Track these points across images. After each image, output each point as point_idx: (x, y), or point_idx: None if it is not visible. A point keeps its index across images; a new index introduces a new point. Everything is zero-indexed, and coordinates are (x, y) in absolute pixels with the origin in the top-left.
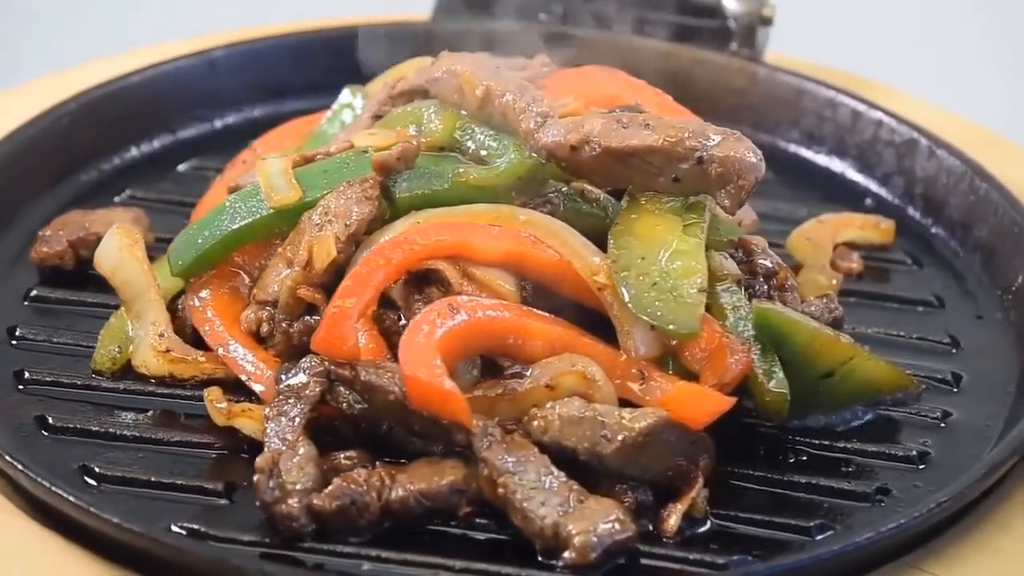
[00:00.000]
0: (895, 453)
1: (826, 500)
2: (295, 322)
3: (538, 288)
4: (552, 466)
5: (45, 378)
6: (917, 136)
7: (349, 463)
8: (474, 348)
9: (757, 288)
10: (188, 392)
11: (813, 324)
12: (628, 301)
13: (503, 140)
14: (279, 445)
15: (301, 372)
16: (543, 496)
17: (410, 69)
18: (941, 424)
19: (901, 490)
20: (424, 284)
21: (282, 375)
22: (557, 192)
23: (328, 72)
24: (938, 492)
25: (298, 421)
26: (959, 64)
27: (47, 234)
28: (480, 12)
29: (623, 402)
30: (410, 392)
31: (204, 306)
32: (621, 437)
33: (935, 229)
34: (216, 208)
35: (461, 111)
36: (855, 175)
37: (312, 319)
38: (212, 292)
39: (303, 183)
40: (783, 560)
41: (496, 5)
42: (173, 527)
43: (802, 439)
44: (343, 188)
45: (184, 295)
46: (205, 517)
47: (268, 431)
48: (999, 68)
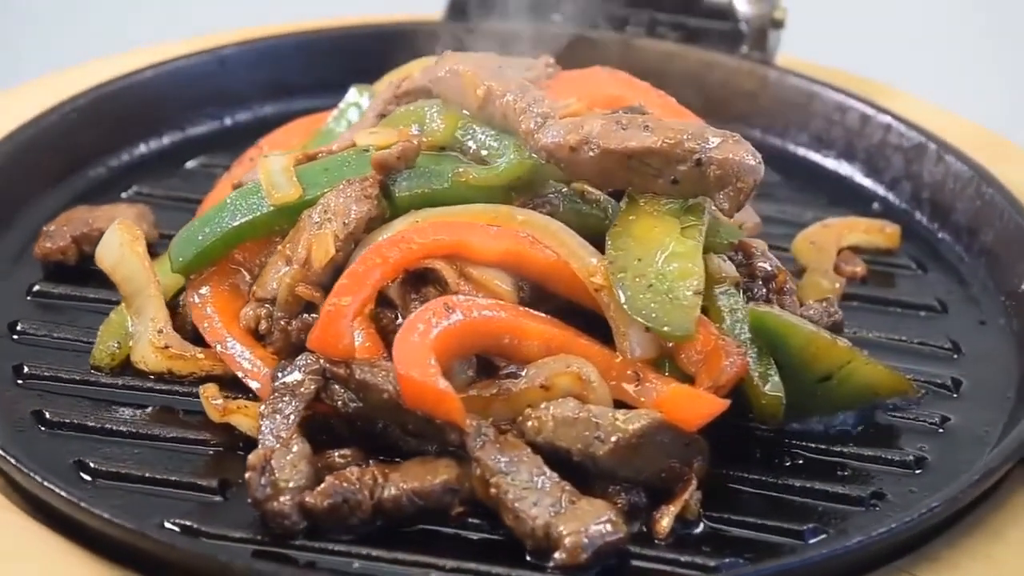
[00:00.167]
0: (892, 458)
1: (820, 504)
2: (293, 320)
3: (536, 288)
4: (545, 467)
5: (44, 373)
6: (925, 141)
7: (343, 461)
8: (469, 348)
9: (756, 291)
10: (186, 389)
11: (810, 327)
12: (624, 302)
13: (504, 140)
14: (273, 442)
15: (296, 370)
16: (535, 496)
17: (416, 68)
18: (939, 429)
19: (896, 495)
20: (422, 283)
21: (278, 373)
22: (557, 193)
23: (339, 71)
24: (932, 497)
25: (293, 419)
26: (960, 64)
27: (51, 229)
28: (491, 12)
29: (618, 403)
30: (403, 391)
31: (204, 303)
32: (615, 438)
33: (941, 234)
34: (217, 205)
35: (463, 111)
36: (863, 179)
37: (311, 317)
38: (212, 289)
39: (304, 181)
40: (773, 563)
41: (508, 5)
42: (166, 523)
43: (799, 442)
44: (343, 186)
45: (185, 292)
46: (199, 514)
47: (263, 428)
48: (1000, 68)
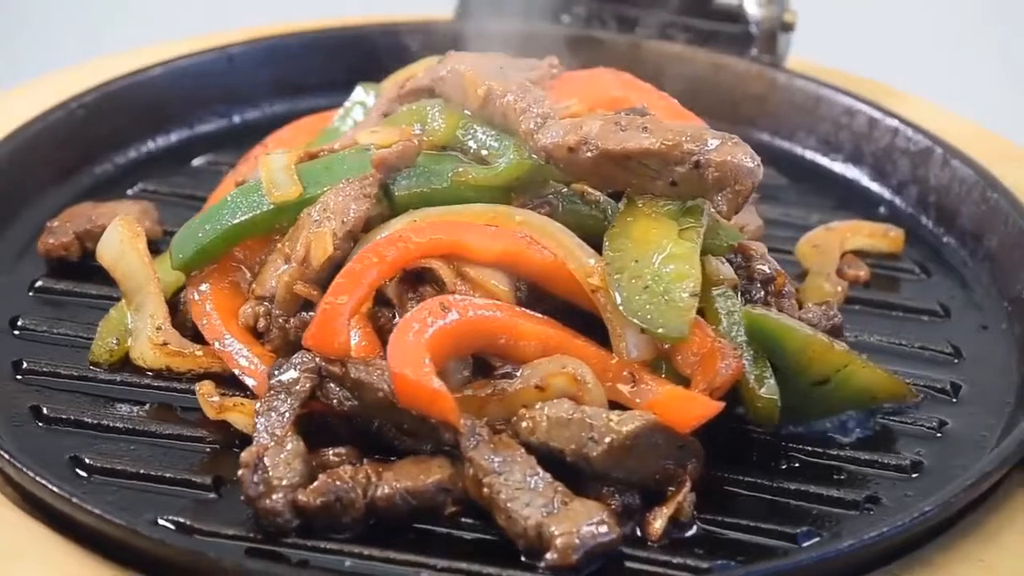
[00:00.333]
0: (888, 462)
1: (815, 507)
2: (292, 318)
3: (533, 289)
4: (538, 467)
5: (43, 368)
6: (932, 145)
7: (338, 459)
8: (465, 347)
9: (754, 293)
10: (184, 386)
11: (807, 331)
12: (620, 303)
13: (504, 140)
14: (268, 440)
15: (292, 368)
16: (528, 497)
17: (421, 68)
18: (937, 434)
19: (892, 499)
20: (419, 283)
21: (274, 370)
22: (557, 193)
23: (348, 69)
24: (925, 501)
25: (287, 416)
26: (965, 63)
27: (54, 225)
28: (502, 12)
29: (614, 405)
30: (397, 390)
31: (203, 300)
32: (608, 440)
33: (947, 239)
34: (218, 203)
35: (465, 110)
36: (870, 183)
37: (309, 315)
38: (212, 286)
39: (305, 179)
40: (764, 565)
41: (519, 5)
42: (160, 520)
43: (796, 446)
44: (342, 185)
45: (185, 289)
46: (193, 511)
47: (258, 426)
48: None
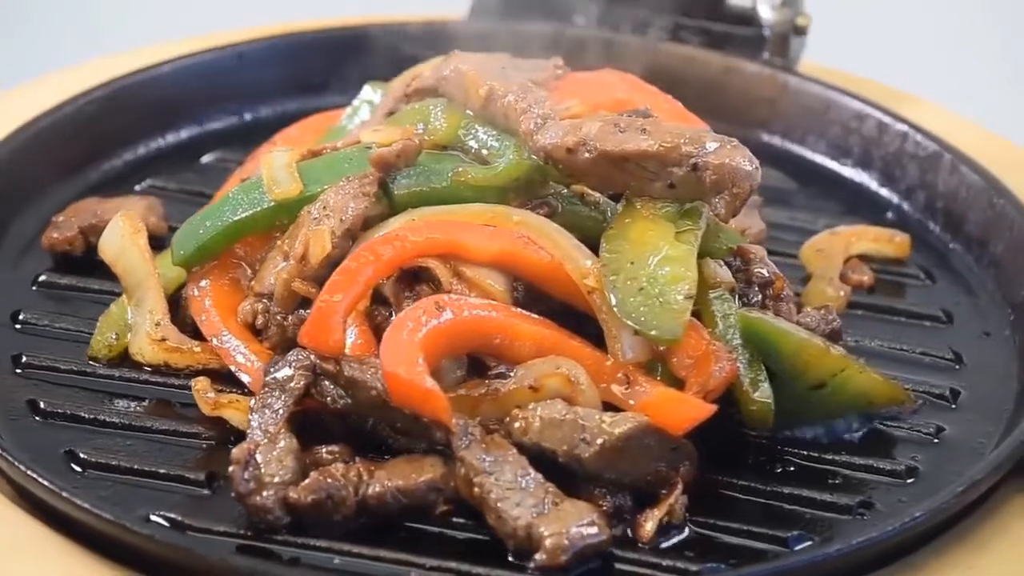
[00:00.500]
0: (883, 467)
1: (808, 511)
2: (290, 315)
3: (530, 289)
4: (530, 467)
5: (42, 363)
6: (940, 150)
7: (331, 457)
8: (460, 347)
9: (752, 297)
10: (182, 382)
11: (802, 335)
12: (614, 305)
13: (505, 141)
14: (260, 437)
15: (287, 365)
16: (518, 497)
17: (428, 68)
18: (934, 440)
19: (885, 504)
20: (416, 282)
21: (269, 368)
22: (556, 194)
23: (359, 68)
24: (917, 506)
25: (281, 413)
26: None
27: (59, 220)
28: (514, 13)
29: (608, 406)
30: (390, 388)
31: (203, 296)
32: (600, 441)
33: (953, 244)
34: (220, 199)
35: (467, 110)
36: (878, 188)
37: (307, 312)
38: (212, 282)
39: (306, 177)
40: (754, 568)
41: (532, 6)
42: (152, 516)
43: (792, 450)
44: (342, 183)
45: (186, 285)
46: (185, 507)
47: (251, 422)
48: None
